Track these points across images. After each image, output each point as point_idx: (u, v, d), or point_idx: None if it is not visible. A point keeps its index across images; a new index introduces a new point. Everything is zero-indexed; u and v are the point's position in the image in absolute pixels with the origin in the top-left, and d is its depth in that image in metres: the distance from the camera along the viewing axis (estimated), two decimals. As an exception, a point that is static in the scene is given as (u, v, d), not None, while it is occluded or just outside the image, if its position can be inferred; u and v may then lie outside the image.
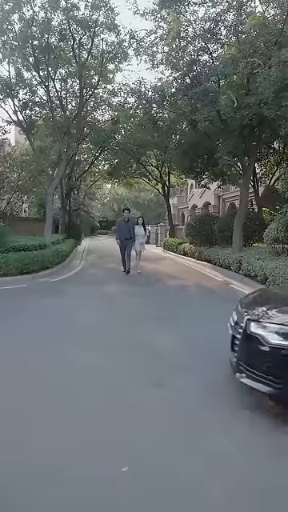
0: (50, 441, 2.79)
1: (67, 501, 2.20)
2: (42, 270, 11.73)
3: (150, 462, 2.54)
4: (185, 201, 43.40)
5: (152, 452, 2.66)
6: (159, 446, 2.75)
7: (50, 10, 12.36)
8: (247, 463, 2.55)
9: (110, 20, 13.01)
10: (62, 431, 2.92)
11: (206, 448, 2.72)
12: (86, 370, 4.09)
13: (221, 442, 2.80)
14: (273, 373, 3.05)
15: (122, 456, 2.60)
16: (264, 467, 2.53)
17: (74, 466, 2.51)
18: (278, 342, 3.05)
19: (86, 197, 38.27)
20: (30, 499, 2.20)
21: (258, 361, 3.16)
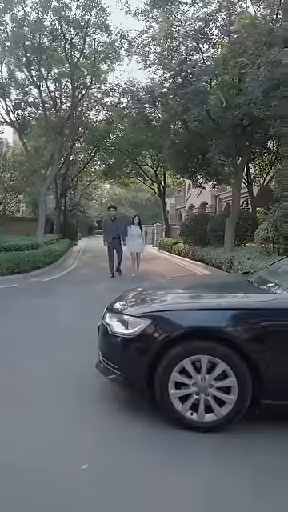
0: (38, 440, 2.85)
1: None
2: (33, 270, 11.74)
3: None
4: (182, 201, 43.48)
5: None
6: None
7: (41, 11, 12.37)
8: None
9: (101, 20, 13.03)
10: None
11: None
12: (71, 368, 4.15)
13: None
14: (114, 359, 3.27)
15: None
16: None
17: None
18: (118, 330, 3.22)
19: (83, 197, 38.27)
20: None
21: (105, 348, 3.40)
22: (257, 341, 2.93)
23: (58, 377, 3.97)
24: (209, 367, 2.97)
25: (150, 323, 3.11)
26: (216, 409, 2.98)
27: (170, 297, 3.74)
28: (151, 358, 3.02)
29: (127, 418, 3.20)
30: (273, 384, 2.92)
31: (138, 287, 4.33)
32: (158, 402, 3.06)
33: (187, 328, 3.03)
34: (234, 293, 3.59)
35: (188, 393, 3.01)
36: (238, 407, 2.95)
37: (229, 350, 2.93)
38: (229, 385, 2.95)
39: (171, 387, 3.00)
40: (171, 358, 2.99)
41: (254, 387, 2.93)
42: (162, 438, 2.93)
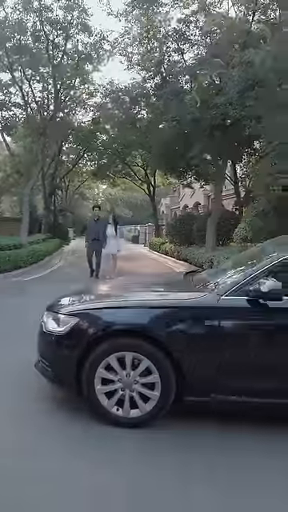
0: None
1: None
2: (14, 270, 11.77)
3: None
4: (177, 201, 43.55)
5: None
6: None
7: (22, 11, 12.41)
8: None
9: (83, 21, 13.08)
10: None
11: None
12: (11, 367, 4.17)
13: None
14: (47, 357, 3.35)
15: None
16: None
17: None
18: (51, 328, 3.29)
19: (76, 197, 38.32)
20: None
21: (41, 347, 3.44)
22: (179, 339, 2.98)
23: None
24: (133, 364, 3.02)
25: (79, 321, 3.16)
26: (141, 405, 3.03)
27: (104, 296, 3.80)
28: (79, 354, 3.07)
29: (66, 416, 3.24)
30: (195, 381, 2.97)
31: (83, 286, 4.39)
32: (86, 397, 3.11)
33: (112, 325, 3.09)
34: (164, 291, 3.64)
35: (114, 389, 3.06)
36: (162, 403, 3.00)
37: (152, 347, 2.98)
38: (153, 381, 3.00)
39: (97, 383, 3.05)
40: (97, 354, 3.04)
41: (178, 384, 2.98)
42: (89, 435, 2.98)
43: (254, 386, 2.94)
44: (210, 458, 2.69)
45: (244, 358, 2.94)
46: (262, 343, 2.99)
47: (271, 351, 2.96)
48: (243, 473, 2.52)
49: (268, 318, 2.97)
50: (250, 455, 2.71)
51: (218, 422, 3.09)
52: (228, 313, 2.98)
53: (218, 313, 2.97)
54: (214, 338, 2.95)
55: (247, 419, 3.14)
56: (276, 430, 3.05)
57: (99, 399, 3.06)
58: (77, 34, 13.93)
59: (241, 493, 2.35)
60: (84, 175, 27.84)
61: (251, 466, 2.59)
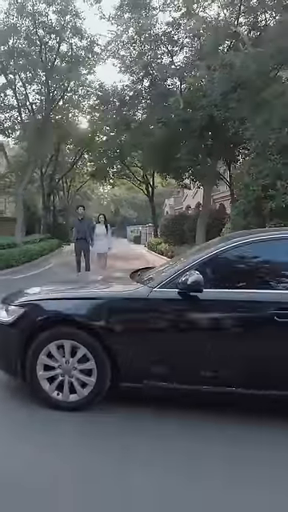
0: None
1: None
2: (6, 268, 12.07)
3: None
4: (181, 201, 43.71)
5: None
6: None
7: (16, 16, 12.72)
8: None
9: (75, 25, 13.35)
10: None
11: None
12: None
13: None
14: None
15: None
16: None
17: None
18: (1, 318, 3.46)
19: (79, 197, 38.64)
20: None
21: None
22: (112, 328, 3.18)
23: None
24: (72, 351, 3.23)
25: (24, 311, 3.38)
26: (79, 390, 3.23)
27: (54, 289, 4.01)
28: (23, 342, 3.29)
29: (16, 403, 3.44)
30: (128, 368, 3.17)
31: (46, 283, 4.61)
32: (29, 382, 3.32)
33: (52, 315, 3.30)
34: (103, 285, 3.86)
35: (54, 374, 3.27)
36: (98, 388, 3.20)
37: (88, 336, 3.18)
38: (89, 368, 3.20)
39: (39, 369, 3.26)
40: (39, 341, 3.26)
41: (113, 371, 3.18)
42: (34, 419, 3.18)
43: (181, 373, 3.13)
44: (148, 441, 2.85)
45: (172, 347, 3.13)
46: (189, 333, 3.17)
47: (197, 341, 3.13)
48: (179, 457, 2.68)
49: (194, 310, 3.15)
50: (183, 440, 2.87)
51: (153, 408, 3.28)
52: (158, 304, 3.17)
53: (149, 304, 3.16)
54: (145, 328, 3.14)
55: (177, 405, 3.32)
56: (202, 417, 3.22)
57: (41, 384, 3.27)
58: (71, 37, 14.21)
59: (177, 476, 2.48)
60: (85, 176, 28.14)
61: (186, 451, 2.74)
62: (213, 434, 2.93)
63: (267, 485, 2.40)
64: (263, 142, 8.51)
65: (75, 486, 2.39)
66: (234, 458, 2.64)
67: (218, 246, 3.33)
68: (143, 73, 11.79)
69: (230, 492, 2.34)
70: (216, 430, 2.98)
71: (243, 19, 10.95)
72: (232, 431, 2.96)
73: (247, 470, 2.53)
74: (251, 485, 2.39)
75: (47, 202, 22.47)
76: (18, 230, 14.57)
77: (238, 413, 3.21)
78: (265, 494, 2.32)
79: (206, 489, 2.36)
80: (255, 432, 2.96)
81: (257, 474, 2.49)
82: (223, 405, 3.28)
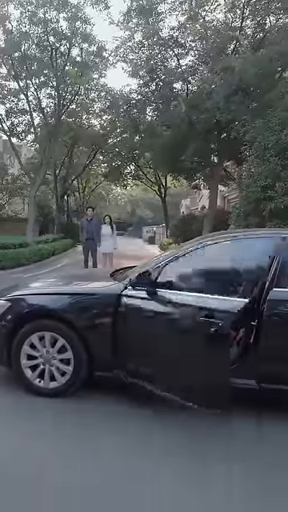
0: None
1: None
2: (17, 267, 12.51)
3: None
4: (196, 202, 43.77)
5: None
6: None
7: (28, 24, 13.19)
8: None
9: (85, 31, 13.72)
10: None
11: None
12: None
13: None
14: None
15: None
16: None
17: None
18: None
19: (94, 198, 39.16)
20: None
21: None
22: (86, 322, 3.47)
23: None
24: (52, 342, 3.53)
25: (10, 305, 3.71)
26: (58, 377, 3.53)
27: (38, 285, 4.33)
28: (9, 333, 3.62)
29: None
30: (100, 359, 3.45)
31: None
32: (14, 370, 3.64)
33: (33, 308, 3.61)
34: (85, 282, 4.14)
35: (36, 363, 3.57)
36: (75, 376, 3.49)
37: (66, 328, 3.48)
38: (68, 357, 3.49)
39: (23, 358, 3.58)
40: (22, 333, 3.57)
41: (90, 361, 3.46)
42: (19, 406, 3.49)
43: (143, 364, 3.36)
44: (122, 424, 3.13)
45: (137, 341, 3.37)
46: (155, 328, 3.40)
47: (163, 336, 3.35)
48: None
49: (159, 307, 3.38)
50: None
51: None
52: (129, 300, 3.42)
53: (120, 300, 3.42)
54: (115, 322, 3.41)
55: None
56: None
57: (24, 372, 3.58)
58: (82, 43, 14.60)
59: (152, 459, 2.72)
60: (99, 177, 28.61)
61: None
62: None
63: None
64: (263, 144, 8.64)
65: (58, 472, 2.57)
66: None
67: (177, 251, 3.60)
68: (150, 77, 12.04)
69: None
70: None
71: (249, 21, 11.08)
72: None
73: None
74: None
75: (61, 203, 22.99)
76: (30, 230, 15.06)
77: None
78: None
79: (177, 468, 2.59)
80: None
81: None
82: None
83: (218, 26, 10.92)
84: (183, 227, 16.95)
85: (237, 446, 2.87)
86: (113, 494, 2.36)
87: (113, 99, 14.30)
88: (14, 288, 4.23)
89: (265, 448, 2.87)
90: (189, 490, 2.39)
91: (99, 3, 12.92)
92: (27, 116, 15.55)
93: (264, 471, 2.59)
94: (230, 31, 10.52)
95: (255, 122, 8.90)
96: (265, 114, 8.84)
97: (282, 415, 3.26)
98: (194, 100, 11.11)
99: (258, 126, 8.71)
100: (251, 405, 3.31)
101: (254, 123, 9.04)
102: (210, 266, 3.59)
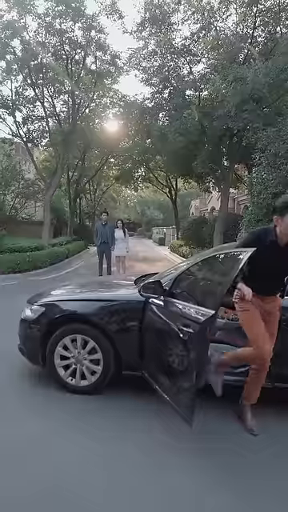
0: None
1: None
2: (34, 269, 12.94)
3: None
4: (206, 203, 43.97)
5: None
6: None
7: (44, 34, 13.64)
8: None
9: (100, 40, 14.12)
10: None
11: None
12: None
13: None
14: (21, 337, 4.23)
15: None
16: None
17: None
18: (26, 315, 4.16)
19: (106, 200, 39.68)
20: None
21: (20, 331, 4.29)
22: (115, 326, 3.82)
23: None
24: (83, 344, 3.89)
25: (45, 309, 4.08)
26: (88, 376, 3.90)
27: (70, 290, 4.69)
28: (43, 336, 3.99)
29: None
30: (128, 359, 3.80)
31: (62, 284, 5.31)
32: (48, 370, 4.02)
33: (66, 313, 3.98)
34: (112, 289, 4.50)
35: (68, 363, 3.94)
36: (104, 375, 3.85)
37: (96, 331, 3.84)
38: (97, 358, 3.86)
39: (56, 358, 3.95)
40: (56, 336, 3.94)
41: (117, 361, 3.82)
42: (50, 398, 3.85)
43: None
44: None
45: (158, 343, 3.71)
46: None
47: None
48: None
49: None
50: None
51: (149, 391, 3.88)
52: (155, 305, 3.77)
53: (144, 306, 3.77)
54: (141, 326, 3.75)
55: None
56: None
57: (58, 371, 3.96)
58: (96, 51, 15.01)
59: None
60: (111, 179, 29.08)
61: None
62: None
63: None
64: (274, 152, 8.91)
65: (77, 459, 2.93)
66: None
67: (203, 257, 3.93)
68: (163, 85, 12.39)
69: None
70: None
71: (260, 31, 11.36)
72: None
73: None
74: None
75: (73, 206, 23.45)
76: (46, 233, 15.49)
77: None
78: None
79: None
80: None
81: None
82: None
83: (229, 35, 11.22)
84: (194, 230, 17.22)
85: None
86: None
87: (125, 105, 14.68)
88: (42, 294, 4.59)
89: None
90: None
91: (114, 13, 13.35)
92: (43, 122, 16.02)
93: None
94: (242, 41, 10.80)
95: (266, 130, 9.18)
96: (276, 123, 9.12)
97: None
98: (205, 108, 11.43)
99: (269, 135, 8.99)
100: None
101: (265, 131, 9.32)
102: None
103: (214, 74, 11.05)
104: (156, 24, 12.37)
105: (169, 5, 12.11)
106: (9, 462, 2.86)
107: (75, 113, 15.80)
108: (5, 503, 2.47)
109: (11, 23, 12.73)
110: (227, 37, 10.97)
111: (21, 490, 2.58)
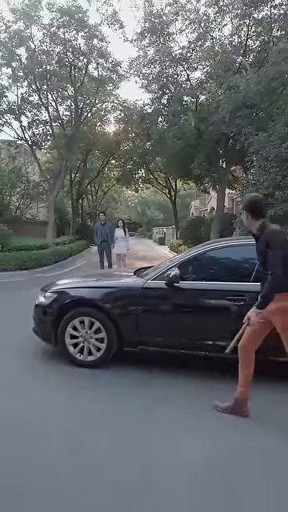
0: None
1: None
2: (39, 267, 13.60)
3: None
4: (205, 203, 44.56)
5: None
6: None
7: (48, 43, 14.30)
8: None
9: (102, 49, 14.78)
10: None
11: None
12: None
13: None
14: (36, 321, 4.85)
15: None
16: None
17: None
18: (40, 301, 4.82)
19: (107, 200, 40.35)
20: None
21: (34, 315, 4.92)
22: (117, 309, 4.47)
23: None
24: (90, 325, 4.55)
25: (56, 296, 4.74)
26: (94, 352, 4.55)
27: (77, 280, 5.35)
28: (55, 318, 4.65)
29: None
30: (127, 337, 4.45)
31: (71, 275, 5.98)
32: (59, 347, 4.67)
33: (75, 299, 4.64)
34: (114, 278, 5.17)
35: (77, 341, 4.60)
36: (107, 352, 4.51)
37: (101, 314, 4.50)
38: (102, 337, 4.51)
39: (67, 337, 4.60)
40: (66, 318, 4.60)
41: (119, 339, 4.48)
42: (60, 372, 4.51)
43: (165, 340, 4.38)
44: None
45: (157, 321, 4.38)
46: (170, 311, 4.41)
47: (176, 317, 4.37)
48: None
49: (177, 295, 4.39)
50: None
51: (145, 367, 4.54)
52: (150, 291, 4.43)
53: (143, 291, 4.43)
54: (140, 308, 4.41)
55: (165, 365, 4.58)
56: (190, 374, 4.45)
57: (68, 349, 4.61)
58: (98, 58, 15.68)
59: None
60: (112, 180, 29.76)
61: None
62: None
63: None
64: (265, 156, 9.56)
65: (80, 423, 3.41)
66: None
67: (192, 251, 4.60)
68: (161, 92, 13.05)
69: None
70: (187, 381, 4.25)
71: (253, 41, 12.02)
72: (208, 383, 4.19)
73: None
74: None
75: (76, 206, 24.13)
76: (50, 233, 16.14)
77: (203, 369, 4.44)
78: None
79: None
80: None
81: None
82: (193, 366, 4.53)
83: (225, 44, 11.87)
84: (192, 229, 17.87)
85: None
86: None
87: (125, 110, 15.35)
88: (53, 283, 5.24)
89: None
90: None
91: (115, 23, 14.03)
92: (47, 126, 16.68)
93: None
94: (236, 51, 11.45)
95: (258, 134, 9.83)
96: (267, 128, 9.77)
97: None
98: (202, 113, 12.07)
99: (260, 140, 9.64)
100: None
101: (257, 136, 9.97)
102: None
103: (210, 82, 11.70)
104: (155, 33, 13.04)
105: (167, 15, 12.77)
106: (28, 426, 3.32)
107: (78, 117, 16.48)
108: (31, 458, 2.91)
109: (17, 33, 13.41)
110: (222, 46, 11.62)
111: (42, 446, 3.08)
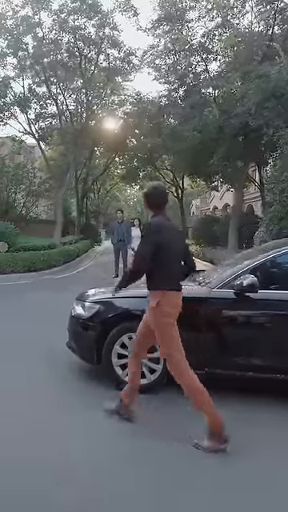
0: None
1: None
2: (48, 268, 12.82)
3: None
4: (207, 202, 43.95)
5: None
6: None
7: (58, 30, 13.51)
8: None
9: (114, 37, 14.03)
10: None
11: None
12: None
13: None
14: (72, 335, 4.24)
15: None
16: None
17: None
18: (78, 312, 4.14)
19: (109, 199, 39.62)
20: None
21: (70, 328, 4.30)
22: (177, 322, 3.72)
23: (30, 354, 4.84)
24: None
25: (99, 307, 3.99)
26: (147, 375, 3.80)
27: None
28: (99, 334, 3.90)
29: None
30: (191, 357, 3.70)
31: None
32: (104, 368, 3.92)
33: (123, 311, 3.89)
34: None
35: (127, 362, 3.83)
36: (163, 374, 3.76)
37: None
38: (157, 356, 3.76)
39: (114, 357, 3.85)
40: (113, 334, 3.85)
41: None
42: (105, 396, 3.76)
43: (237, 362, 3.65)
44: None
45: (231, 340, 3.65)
46: (244, 327, 3.69)
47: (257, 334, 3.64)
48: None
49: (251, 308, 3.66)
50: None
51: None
52: (218, 302, 3.70)
53: (210, 302, 3.69)
54: (207, 323, 3.68)
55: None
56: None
57: (115, 370, 3.86)
58: (108, 48, 14.93)
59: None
60: (115, 178, 29.04)
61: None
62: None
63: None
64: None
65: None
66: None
67: (268, 253, 3.85)
68: (180, 82, 12.32)
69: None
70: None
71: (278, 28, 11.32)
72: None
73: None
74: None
75: (81, 205, 23.36)
76: (57, 232, 15.39)
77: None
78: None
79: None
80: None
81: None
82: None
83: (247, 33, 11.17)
84: (205, 228, 17.18)
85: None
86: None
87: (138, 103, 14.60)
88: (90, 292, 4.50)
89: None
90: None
91: (129, 10, 13.27)
92: (55, 119, 15.90)
93: None
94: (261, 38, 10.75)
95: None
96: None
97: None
98: (223, 105, 11.37)
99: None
100: None
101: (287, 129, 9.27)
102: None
103: (232, 72, 10.98)
104: (172, 21, 12.30)
105: (185, 1, 12.05)
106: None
107: (87, 110, 15.71)
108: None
109: (25, 19, 12.63)
110: (245, 34, 10.91)
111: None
